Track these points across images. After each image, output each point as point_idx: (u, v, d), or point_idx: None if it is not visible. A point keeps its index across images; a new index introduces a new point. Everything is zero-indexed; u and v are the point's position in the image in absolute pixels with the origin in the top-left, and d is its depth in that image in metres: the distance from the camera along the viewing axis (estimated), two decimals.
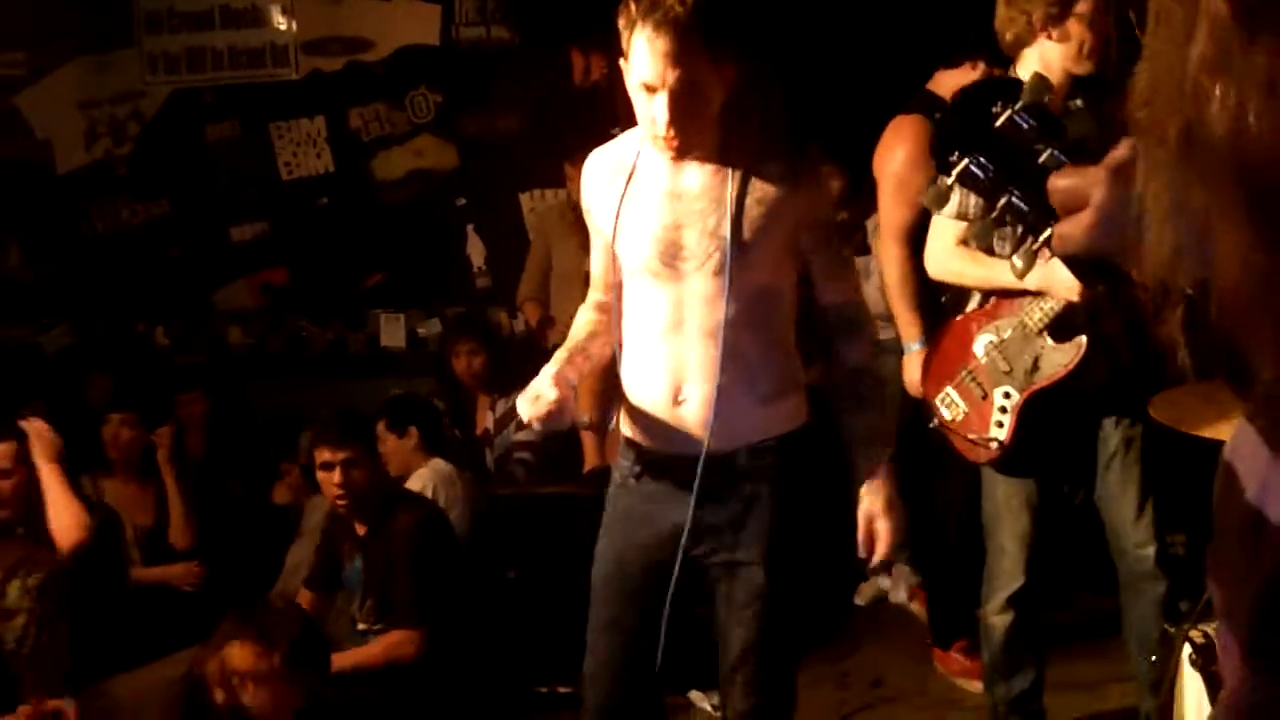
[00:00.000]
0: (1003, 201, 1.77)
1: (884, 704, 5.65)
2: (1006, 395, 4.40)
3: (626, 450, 3.76)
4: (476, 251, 8.03)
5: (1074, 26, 4.22)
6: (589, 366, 3.80)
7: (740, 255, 3.46)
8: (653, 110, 3.32)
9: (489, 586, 5.68)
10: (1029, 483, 4.53)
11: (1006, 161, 1.78)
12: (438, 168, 8.03)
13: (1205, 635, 3.52)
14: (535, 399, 3.44)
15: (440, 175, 8.03)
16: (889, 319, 6.58)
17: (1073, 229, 1.53)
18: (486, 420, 6.98)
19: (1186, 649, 3.66)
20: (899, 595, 6.83)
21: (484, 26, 7.89)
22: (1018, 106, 1.77)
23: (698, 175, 3.50)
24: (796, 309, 3.72)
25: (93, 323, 8.17)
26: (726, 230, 3.46)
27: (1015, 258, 1.83)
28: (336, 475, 5.13)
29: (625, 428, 3.74)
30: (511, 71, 7.84)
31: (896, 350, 6.62)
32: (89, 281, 8.11)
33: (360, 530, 5.25)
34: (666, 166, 3.51)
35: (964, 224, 4.30)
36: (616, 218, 3.58)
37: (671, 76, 3.27)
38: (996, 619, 4.66)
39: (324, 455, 5.18)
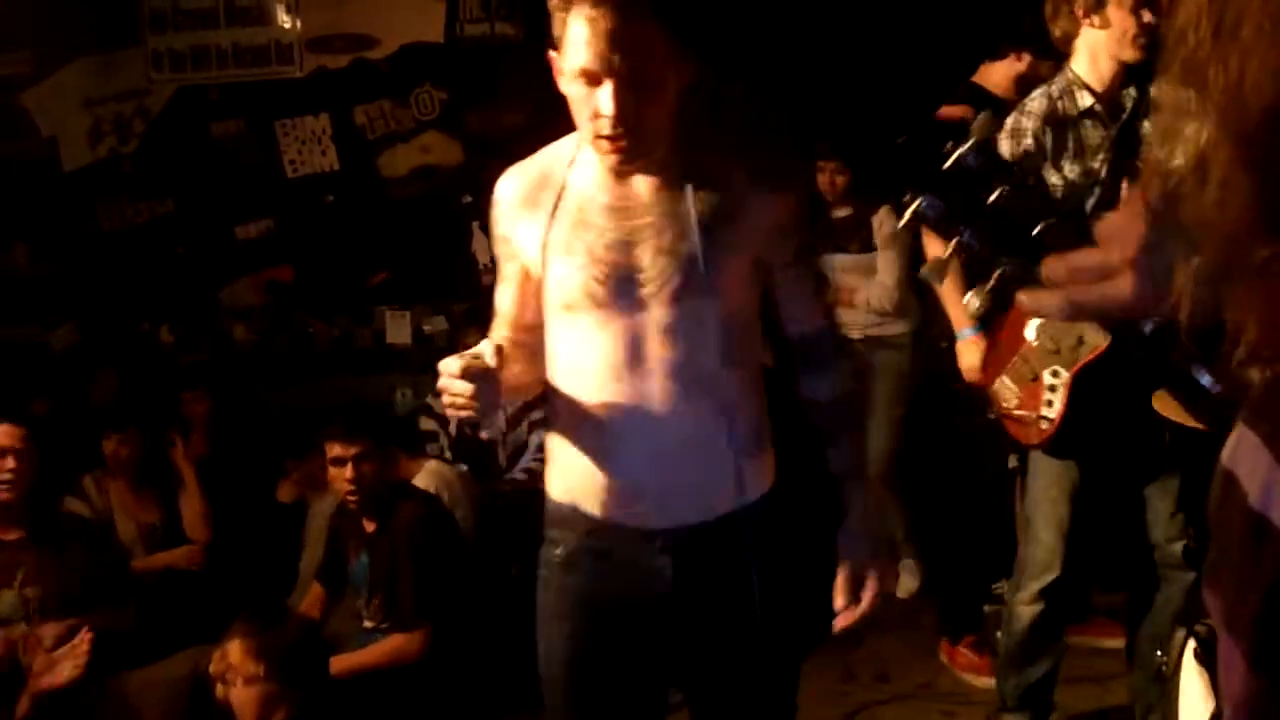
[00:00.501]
0: (955, 241, 1.80)
1: (890, 699, 5.65)
2: (1055, 374, 4.41)
3: (564, 526, 3.15)
4: (482, 248, 8.01)
5: (1114, 13, 4.33)
6: (508, 377, 2.98)
7: (706, 276, 2.91)
8: (595, 104, 2.81)
9: (493, 583, 5.69)
10: (1072, 472, 4.54)
11: (957, 201, 1.80)
12: (443, 164, 8.03)
13: (1209, 630, 3.52)
14: (476, 356, 2.81)
15: (446, 172, 8.03)
16: (894, 315, 6.61)
17: (1087, 300, 1.52)
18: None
19: (1190, 644, 3.66)
20: (905, 590, 6.84)
21: (488, 23, 7.89)
22: (966, 145, 1.79)
23: (647, 184, 2.95)
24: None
25: (98, 321, 8.17)
26: (687, 247, 2.91)
27: (970, 297, 1.84)
28: (348, 470, 5.12)
29: (560, 494, 3.14)
30: (516, 68, 7.83)
31: (902, 345, 6.65)
32: (95, 280, 8.11)
33: (369, 527, 5.25)
34: (608, 176, 2.96)
35: None
36: (546, 240, 3.00)
37: (618, 62, 2.76)
38: (1024, 609, 4.68)
39: (335, 450, 5.17)
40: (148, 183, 8.20)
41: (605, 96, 2.79)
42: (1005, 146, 4.42)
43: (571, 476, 3.10)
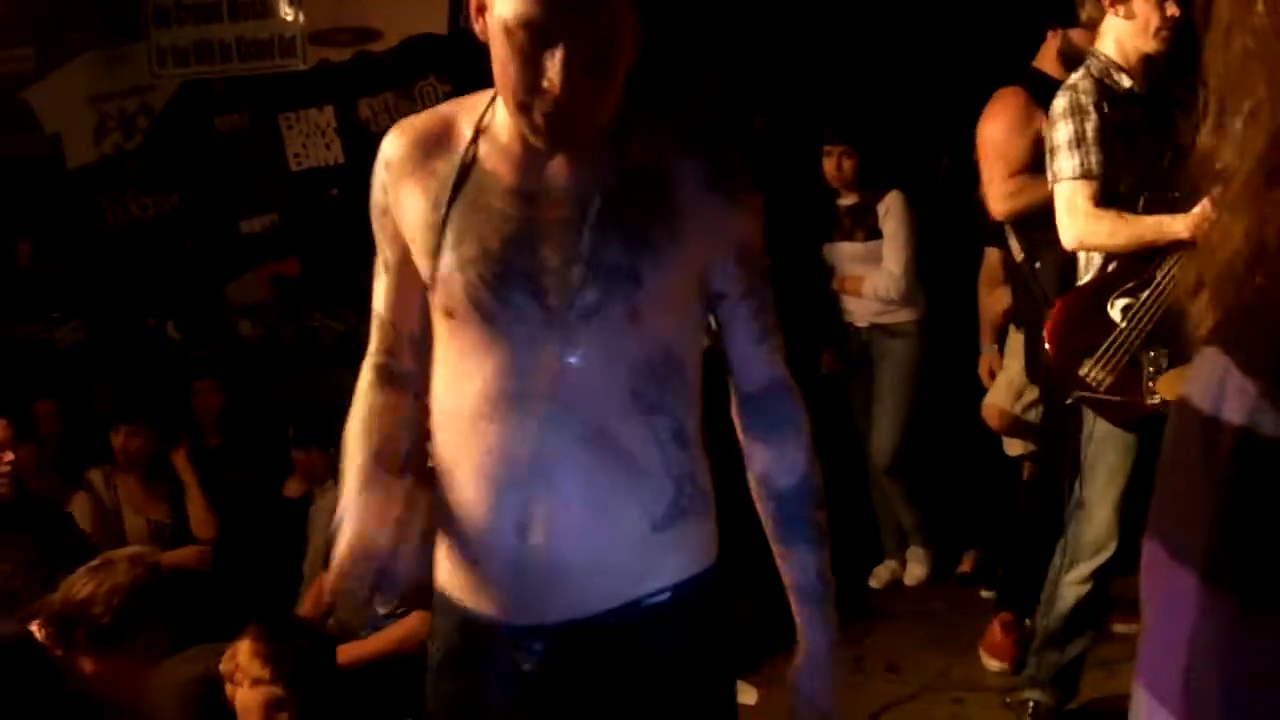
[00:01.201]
0: None
1: (900, 688, 5.64)
2: (1155, 359, 4.38)
3: (440, 616, 2.53)
4: None
5: (1139, 5, 4.39)
6: (395, 495, 2.34)
7: (627, 290, 2.25)
8: (539, 71, 2.12)
9: None
10: (1134, 448, 4.51)
11: None
12: None
13: None
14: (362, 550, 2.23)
15: None
16: (900, 303, 6.59)
17: None
18: None
19: None
20: (914, 578, 6.84)
21: None
22: None
23: (567, 166, 2.28)
24: (702, 384, 2.44)
25: (103, 317, 8.15)
26: (609, 252, 2.24)
27: None
28: None
29: (440, 571, 2.48)
30: None
31: (909, 333, 6.64)
32: (100, 276, 8.10)
33: None
34: (520, 149, 2.29)
35: (1093, 183, 4.37)
36: (442, 227, 2.31)
37: (578, 20, 2.10)
38: (1073, 589, 4.69)
39: None
40: (152, 178, 8.19)
41: (554, 65, 2.11)
42: (1070, 126, 4.41)
43: (445, 550, 2.44)
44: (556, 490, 2.26)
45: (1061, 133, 4.42)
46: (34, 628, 3.77)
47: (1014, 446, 6.26)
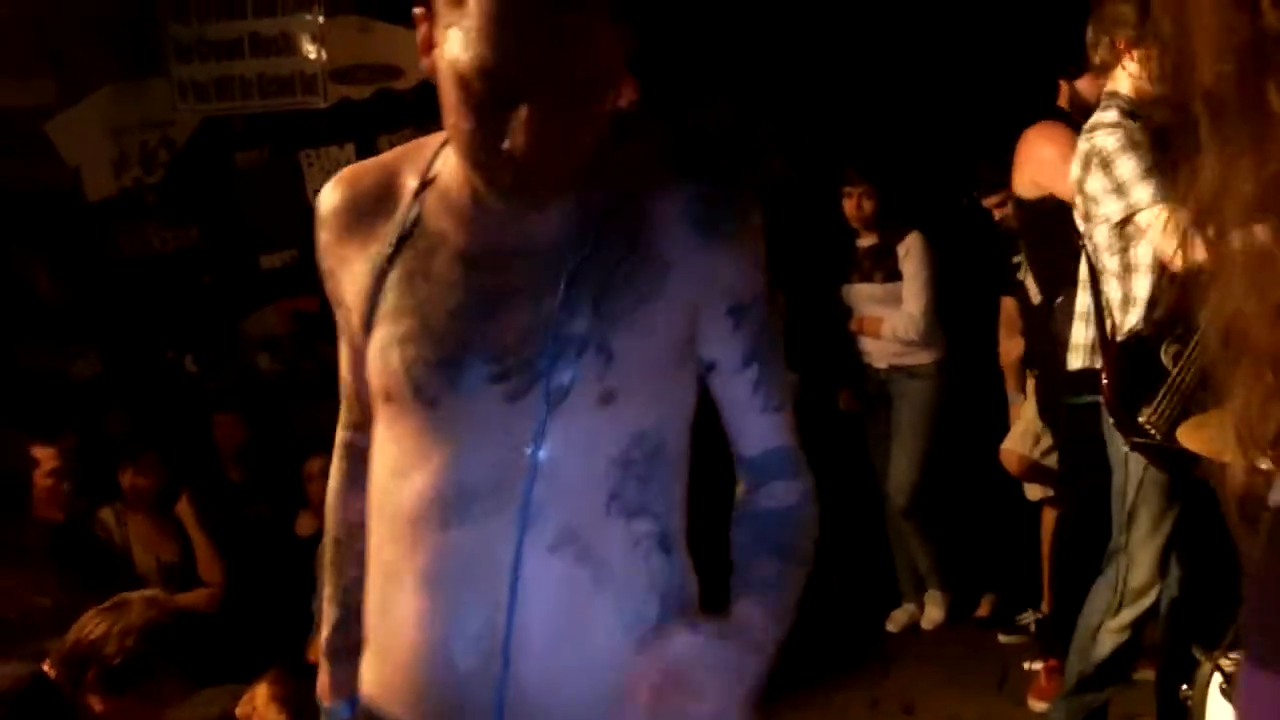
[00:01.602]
0: None
1: None
2: (1206, 401, 4.36)
3: None
4: None
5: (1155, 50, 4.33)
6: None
7: (599, 368, 1.90)
8: (499, 131, 1.79)
9: None
10: (1175, 494, 4.49)
11: None
12: None
13: (1236, 664, 3.48)
14: None
15: None
16: (920, 344, 6.57)
17: None
18: None
19: (1217, 678, 3.63)
20: (931, 621, 6.81)
21: None
22: None
23: (529, 224, 1.94)
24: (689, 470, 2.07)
25: (122, 350, 8.15)
26: (576, 324, 1.90)
27: None
28: None
29: (366, 684, 2.12)
30: None
31: (928, 375, 6.61)
32: (118, 309, 8.10)
33: None
34: (471, 207, 1.97)
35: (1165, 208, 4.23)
36: (375, 293, 2.00)
37: (549, 71, 1.75)
38: (1113, 636, 4.67)
39: None
40: (173, 212, 8.20)
41: (518, 125, 1.77)
42: (1133, 160, 4.35)
43: (377, 661, 2.08)
44: (521, 607, 1.89)
45: (1126, 168, 4.35)
46: (46, 667, 3.75)
47: (1034, 491, 6.24)
